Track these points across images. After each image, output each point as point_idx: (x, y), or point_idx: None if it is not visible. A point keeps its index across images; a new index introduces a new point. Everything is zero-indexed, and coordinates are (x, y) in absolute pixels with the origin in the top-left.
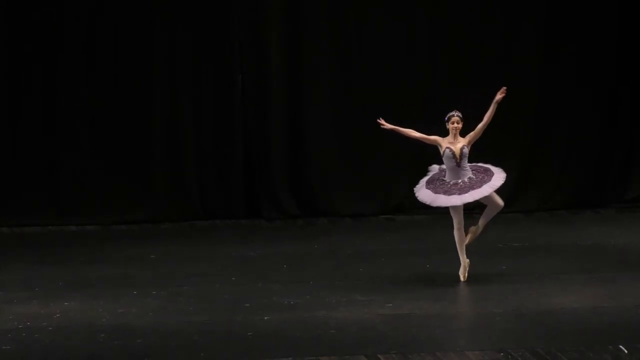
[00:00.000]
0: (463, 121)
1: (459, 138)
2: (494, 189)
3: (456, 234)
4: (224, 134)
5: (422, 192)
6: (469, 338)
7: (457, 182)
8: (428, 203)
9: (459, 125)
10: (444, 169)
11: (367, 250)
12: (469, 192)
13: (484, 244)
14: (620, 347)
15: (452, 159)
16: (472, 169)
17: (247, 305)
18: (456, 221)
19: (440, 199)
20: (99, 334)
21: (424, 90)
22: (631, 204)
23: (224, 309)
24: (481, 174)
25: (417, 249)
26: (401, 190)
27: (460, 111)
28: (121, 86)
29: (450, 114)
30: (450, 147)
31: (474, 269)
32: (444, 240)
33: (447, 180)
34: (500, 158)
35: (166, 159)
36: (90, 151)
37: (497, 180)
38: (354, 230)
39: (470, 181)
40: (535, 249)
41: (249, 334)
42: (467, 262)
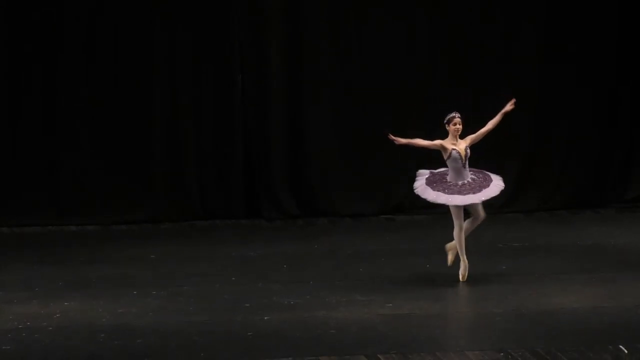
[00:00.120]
0: (463, 122)
1: (459, 139)
2: (501, 188)
3: (459, 235)
4: (224, 134)
5: (432, 193)
6: (469, 338)
7: (464, 183)
8: (443, 202)
9: (461, 126)
10: (441, 171)
11: (367, 250)
12: (481, 191)
13: (484, 244)
14: (620, 347)
15: (458, 160)
16: (469, 170)
17: (247, 305)
18: (458, 223)
19: (456, 199)
20: (99, 334)
21: (424, 90)
22: (631, 204)
23: (224, 309)
24: (481, 175)
25: (417, 249)
26: (401, 190)
27: (458, 112)
28: (121, 86)
29: (451, 116)
30: (456, 149)
31: (474, 269)
32: (444, 240)
33: (453, 181)
34: (500, 158)
35: (166, 159)
36: (90, 151)
37: (500, 180)
38: (354, 230)
39: (475, 181)
40: (535, 249)
41: (249, 334)
42: (467, 263)
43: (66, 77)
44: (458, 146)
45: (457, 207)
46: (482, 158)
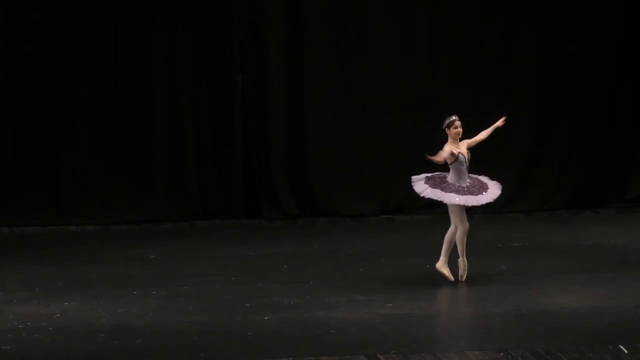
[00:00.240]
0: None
1: (459, 142)
2: (500, 188)
3: (463, 236)
4: (224, 134)
5: (447, 195)
6: (469, 338)
7: (470, 184)
8: (462, 203)
9: (462, 129)
10: (439, 174)
11: (367, 250)
12: (488, 191)
13: (484, 244)
14: (620, 347)
15: (463, 163)
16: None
17: (247, 305)
18: (463, 224)
19: (470, 199)
20: (99, 334)
21: (424, 90)
22: (631, 204)
23: (224, 309)
24: (473, 177)
25: (417, 249)
26: (401, 190)
27: (456, 114)
28: (121, 86)
29: (451, 119)
30: (461, 152)
31: (474, 269)
32: (443, 240)
33: (457, 183)
34: (500, 158)
35: (166, 159)
36: (90, 151)
37: (489, 179)
38: (354, 230)
39: (476, 182)
40: (535, 249)
41: (249, 334)
42: (466, 263)
43: (66, 77)
44: (461, 149)
45: (462, 209)
46: (482, 158)
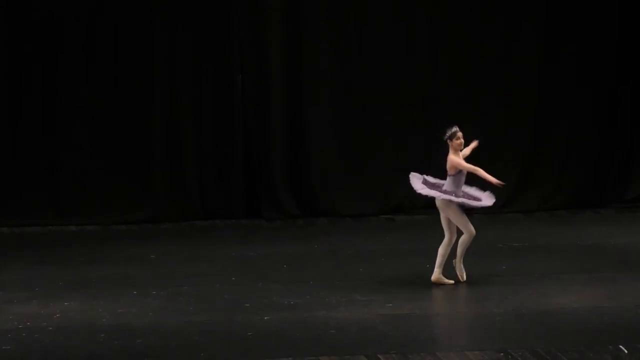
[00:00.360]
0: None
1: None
2: (494, 198)
3: (468, 242)
4: (224, 134)
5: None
6: (469, 338)
7: (469, 191)
8: (479, 205)
9: (463, 139)
10: (435, 181)
11: (367, 250)
12: (485, 198)
13: (484, 244)
14: (620, 347)
15: (464, 173)
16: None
17: (247, 305)
18: (470, 232)
19: (468, 202)
20: (99, 334)
21: (424, 90)
22: (631, 204)
23: (224, 309)
24: (469, 188)
25: (417, 249)
26: (401, 190)
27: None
28: (121, 86)
29: (454, 131)
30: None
31: (474, 269)
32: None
33: (454, 192)
34: (500, 158)
35: (166, 159)
36: (90, 151)
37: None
38: (354, 230)
39: (469, 192)
40: (535, 249)
41: (249, 334)
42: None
43: (66, 77)
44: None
45: (465, 216)
46: (482, 158)
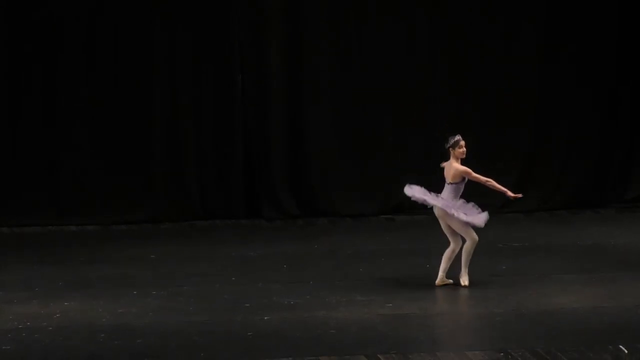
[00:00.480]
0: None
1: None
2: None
3: (472, 249)
4: (224, 134)
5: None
6: (469, 338)
7: (463, 202)
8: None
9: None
10: (434, 194)
11: (367, 250)
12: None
13: (484, 244)
14: (620, 347)
15: (464, 182)
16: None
17: (247, 305)
18: (472, 239)
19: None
20: (99, 334)
21: (424, 90)
22: (631, 204)
23: (224, 309)
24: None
25: (417, 249)
26: (401, 190)
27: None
28: (121, 86)
29: (456, 139)
30: None
31: (474, 269)
32: (444, 240)
33: (452, 201)
34: (500, 158)
35: (166, 159)
36: (90, 151)
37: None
38: (354, 230)
39: (467, 203)
40: (535, 249)
41: (249, 334)
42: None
43: (66, 77)
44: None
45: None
46: (483, 158)
